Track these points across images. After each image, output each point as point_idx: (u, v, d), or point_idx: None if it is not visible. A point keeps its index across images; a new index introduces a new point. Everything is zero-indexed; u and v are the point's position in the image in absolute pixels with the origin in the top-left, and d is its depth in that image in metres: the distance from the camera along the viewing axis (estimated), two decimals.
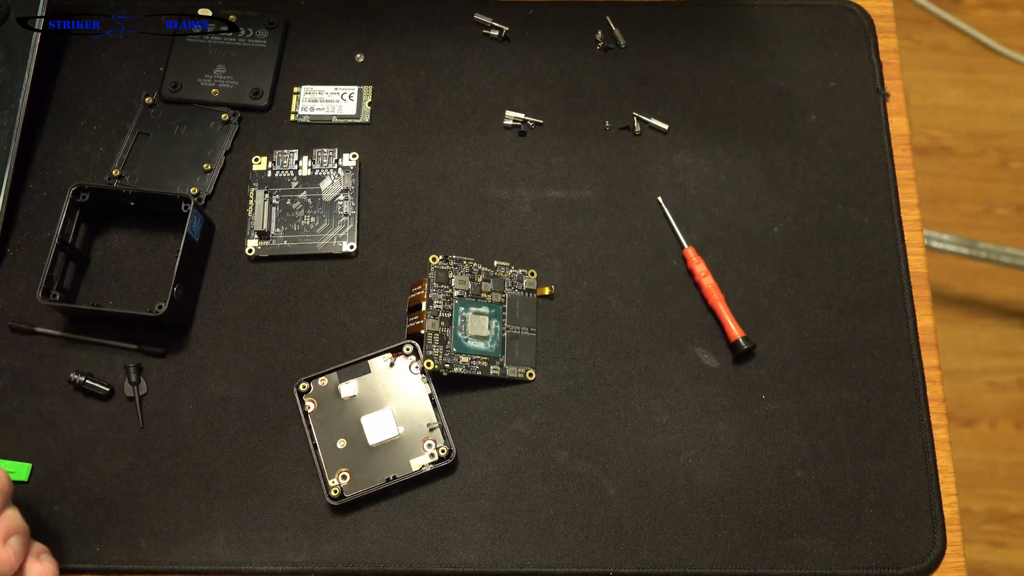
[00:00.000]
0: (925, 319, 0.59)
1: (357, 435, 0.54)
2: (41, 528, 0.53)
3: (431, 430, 0.55)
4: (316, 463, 0.54)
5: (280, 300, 0.59)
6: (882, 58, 0.66)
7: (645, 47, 0.66)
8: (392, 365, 0.56)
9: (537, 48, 0.66)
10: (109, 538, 0.54)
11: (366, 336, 0.58)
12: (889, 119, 0.64)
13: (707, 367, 0.58)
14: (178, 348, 0.58)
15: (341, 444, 0.54)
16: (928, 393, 0.57)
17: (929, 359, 0.58)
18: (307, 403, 0.55)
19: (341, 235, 0.60)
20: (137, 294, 0.59)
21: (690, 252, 0.60)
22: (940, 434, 0.57)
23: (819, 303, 0.59)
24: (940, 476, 0.56)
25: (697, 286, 0.59)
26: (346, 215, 0.61)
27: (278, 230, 0.60)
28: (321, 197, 0.61)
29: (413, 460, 0.54)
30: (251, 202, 0.61)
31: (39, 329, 0.58)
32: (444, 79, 0.65)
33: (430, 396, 0.55)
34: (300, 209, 0.61)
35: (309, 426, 0.55)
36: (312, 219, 0.60)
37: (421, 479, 0.54)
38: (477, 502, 0.55)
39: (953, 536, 0.55)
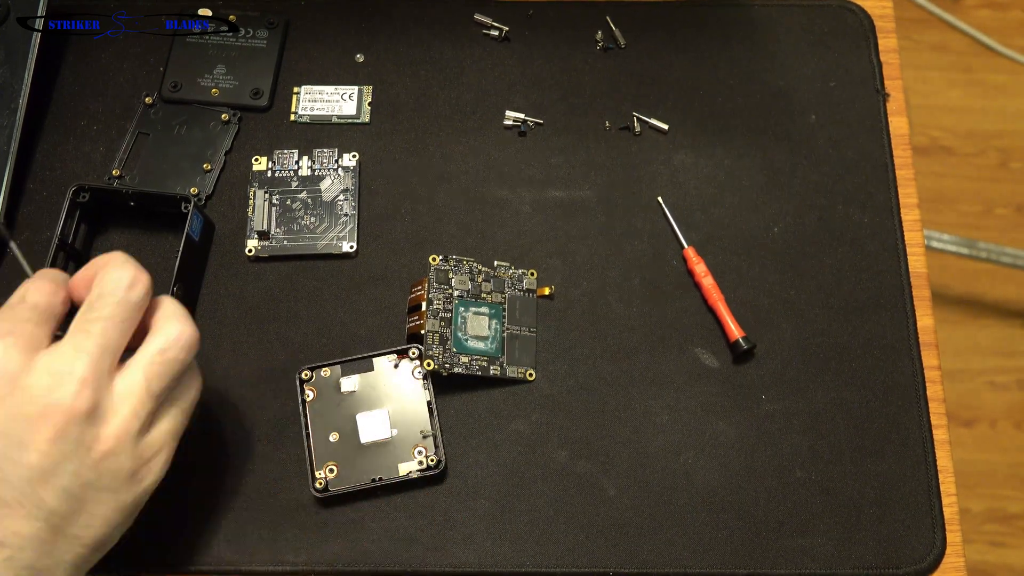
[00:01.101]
0: (925, 319, 0.59)
1: (350, 431, 0.54)
2: None
3: (424, 438, 0.54)
4: (306, 451, 0.54)
5: (280, 300, 0.59)
6: (882, 58, 0.66)
7: (645, 47, 0.66)
8: (396, 367, 0.56)
9: (537, 48, 0.66)
10: None
11: (366, 336, 0.58)
12: (889, 119, 0.64)
13: (707, 367, 0.58)
14: None
15: (334, 438, 0.54)
16: (928, 393, 0.57)
17: (929, 359, 0.58)
18: (307, 391, 0.55)
19: (341, 235, 0.60)
20: None
21: (690, 252, 0.60)
22: (940, 434, 0.57)
23: (819, 303, 0.59)
24: (940, 476, 0.56)
25: (697, 286, 0.59)
26: (346, 215, 0.61)
27: (278, 230, 0.60)
28: (321, 197, 0.61)
29: (401, 464, 0.54)
30: (251, 202, 0.61)
31: None
32: (444, 79, 0.65)
33: (428, 404, 0.55)
34: (300, 209, 0.61)
35: (305, 414, 0.54)
36: (312, 219, 0.60)
37: (410, 483, 0.54)
38: (477, 502, 0.55)
39: (953, 536, 0.55)
